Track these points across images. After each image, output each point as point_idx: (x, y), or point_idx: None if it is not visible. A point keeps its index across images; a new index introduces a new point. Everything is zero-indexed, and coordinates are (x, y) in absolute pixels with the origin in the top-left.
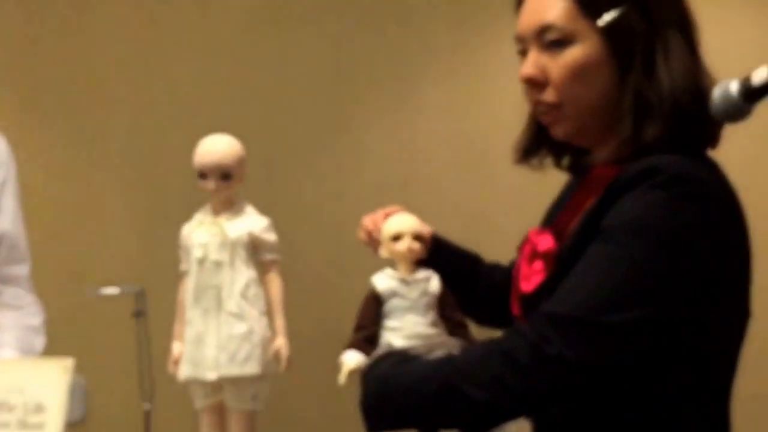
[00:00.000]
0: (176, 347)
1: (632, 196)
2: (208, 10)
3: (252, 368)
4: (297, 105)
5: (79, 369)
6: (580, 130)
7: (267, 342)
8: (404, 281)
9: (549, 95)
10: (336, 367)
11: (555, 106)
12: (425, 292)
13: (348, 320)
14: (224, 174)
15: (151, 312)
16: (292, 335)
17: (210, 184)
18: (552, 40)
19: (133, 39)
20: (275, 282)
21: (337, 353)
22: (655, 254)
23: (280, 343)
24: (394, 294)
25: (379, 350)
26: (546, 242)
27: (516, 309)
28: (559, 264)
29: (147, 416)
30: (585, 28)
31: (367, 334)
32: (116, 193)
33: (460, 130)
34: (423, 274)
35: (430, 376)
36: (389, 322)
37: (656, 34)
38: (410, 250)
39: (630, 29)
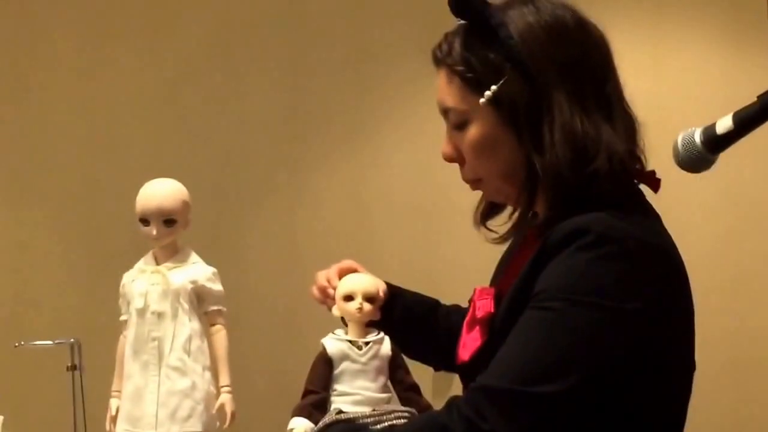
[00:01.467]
0: (114, 403)
1: (560, 259)
2: (153, 51)
3: (194, 426)
4: (246, 150)
5: (13, 425)
6: (507, 197)
7: (210, 398)
8: (355, 344)
9: (466, 171)
10: (285, 424)
11: (475, 180)
12: (376, 356)
13: (298, 375)
14: (167, 219)
15: (88, 365)
16: (238, 391)
17: (152, 230)
18: (454, 122)
19: (74, 80)
20: (220, 334)
21: (287, 409)
22: (582, 318)
23: (225, 399)
24: (345, 357)
25: (327, 417)
26: (485, 307)
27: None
28: (493, 331)
29: None
30: (476, 105)
31: (315, 400)
32: (52, 239)
33: (417, 177)
34: (374, 336)
35: None
36: (339, 387)
37: (542, 100)
38: (361, 311)
39: (513, 100)
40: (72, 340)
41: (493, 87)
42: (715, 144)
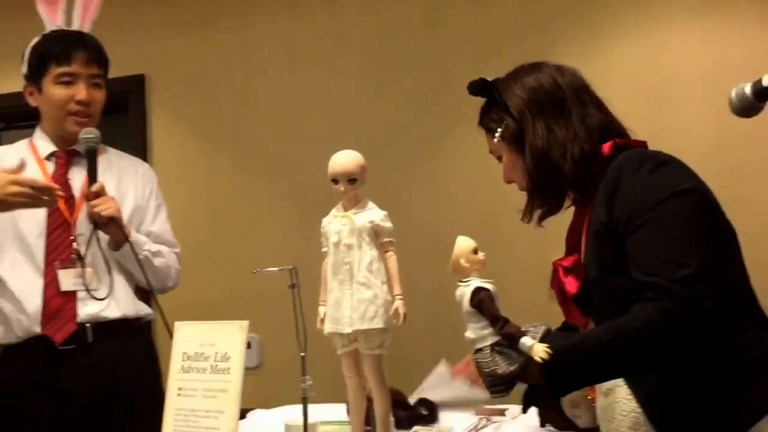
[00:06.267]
0: (321, 310)
1: (623, 187)
2: (334, 65)
3: (377, 323)
4: (404, 129)
5: (255, 328)
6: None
7: (388, 303)
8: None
9: (519, 187)
10: (434, 319)
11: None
12: None
13: (441, 286)
14: (350, 179)
15: (303, 284)
16: (406, 297)
17: (340, 187)
18: (497, 158)
19: (284, 90)
20: (392, 259)
21: (437, 311)
22: (671, 209)
23: (398, 304)
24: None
25: (534, 333)
26: (568, 260)
27: (575, 313)
28: (586, 267)
29: (303, 360)
30: (496, 145)
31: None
32: (275, 198)
33: None
34: None
35: (610, 342)
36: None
37: (523, 131)
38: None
39: (510, 136)
40: (291, 267)
41: (499, 130)
42: (762, 94)
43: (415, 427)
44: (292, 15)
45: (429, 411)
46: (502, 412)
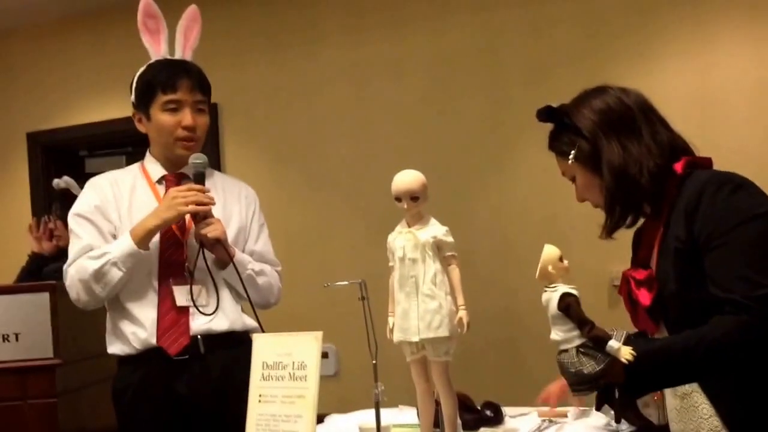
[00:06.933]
0: (390, 320)
1: (704, 207)
2: (398, 89)
3: (443, 332)
4: (466, 148)
5: (332, 339)
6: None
7: (452, 313)
8: None
9: (592, 204)
10: (499, 328)
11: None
12: None
13: (506, 298)
14: (413, 197)
15: (373, 296)
16: (469, 308)
17: (404, 205)
18: (570, 179)
19: (351, 113)
20: (455, 271)
21: (501, 321)
22: (748, 231)
23: (462, 314)
24: None
25: (618, 336)
26: (640, 273)
27: (646, 321)
28: (659, 279)
29: (375, 368)
30: (570, 166)
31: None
32: (344, 216)
33: None
34: None
35: (692, 348)
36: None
37: (598, 151)
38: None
39: (584, 157)
40: (360, 280)
41: (573, 152)
42: None
43: (482, 429)
44: (358, 42)
45: (494, 413)
46: (564, 414)
